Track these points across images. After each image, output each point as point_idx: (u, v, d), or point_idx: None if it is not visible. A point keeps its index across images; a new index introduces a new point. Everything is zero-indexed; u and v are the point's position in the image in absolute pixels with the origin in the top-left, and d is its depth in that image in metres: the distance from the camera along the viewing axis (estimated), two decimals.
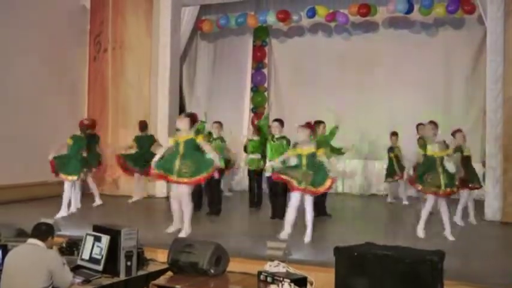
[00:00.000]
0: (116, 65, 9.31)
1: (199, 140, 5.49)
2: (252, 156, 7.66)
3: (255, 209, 7.09)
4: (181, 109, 10.23)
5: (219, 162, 5.42)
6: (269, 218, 6.75)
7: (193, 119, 5.62)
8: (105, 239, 4.16)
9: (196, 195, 7.43)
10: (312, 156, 5.40)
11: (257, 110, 11.05)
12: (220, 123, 7.36)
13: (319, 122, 6.94)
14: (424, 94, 9.37)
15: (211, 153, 5.39)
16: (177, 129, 5.71)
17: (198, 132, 6.57)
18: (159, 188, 8.81)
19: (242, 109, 10.87)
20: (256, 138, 7.49)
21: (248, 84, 10.98)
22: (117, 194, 8.70)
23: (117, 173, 8.75)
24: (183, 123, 5.52)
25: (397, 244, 3.90)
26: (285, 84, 10.81)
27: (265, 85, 11.10)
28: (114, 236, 4.14)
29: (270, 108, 11.04)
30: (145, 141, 7.91)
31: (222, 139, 7.02)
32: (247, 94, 10.96)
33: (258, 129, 7.80)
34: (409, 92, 9.46)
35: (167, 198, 8.35)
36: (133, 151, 7.95)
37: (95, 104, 9.47)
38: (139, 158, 7.74)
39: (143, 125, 8.11)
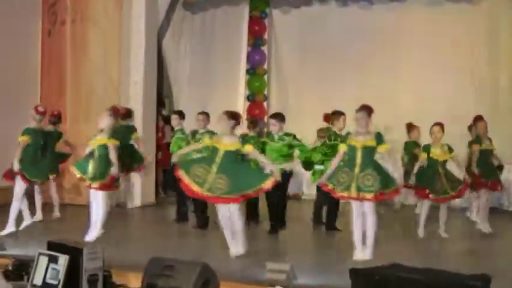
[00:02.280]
0: (77, 41, 9.29)
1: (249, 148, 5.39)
2: None
3: (252, 222, 7.10)
4: (159, 98, 10.22)
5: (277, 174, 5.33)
6: (267, 232, 6.80)
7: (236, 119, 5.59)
8: (63, 259, 4.14)
9: (182, 205, 7.52)
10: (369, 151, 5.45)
11: (254, 97, 11.06)
12: (206, 114, 7.29)
13: (338, 113, 6.93)
14: (462, 80, 9.42)
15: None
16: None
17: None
18: (129, 194, 8.84)
19: (236, 97, 10.93)
20: (252, 133, 7.39)
21: (243, 66, 11.02)
22: (78, 202, 8.70)
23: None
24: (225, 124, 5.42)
25: (428, 266, 3.95)
26: (289, 66, 10.85)
27: (265, 67, 11.13)
28: (75, 255, 4.12)
29: (270, 95, 11.06)
30: (127, 132, 7.78)
31: (211, 133, 6.96)
32: (242, 78, 11.00)
33: (253, 122, 7.76)
34: (444, 77, 9.52)
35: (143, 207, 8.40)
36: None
37: (49, 90, 9.45)
38: (123, 154, 7.63)
39: (127, 113, 8.07)
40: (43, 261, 4.22)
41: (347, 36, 10.14)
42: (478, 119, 6.95)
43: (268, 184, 5.30)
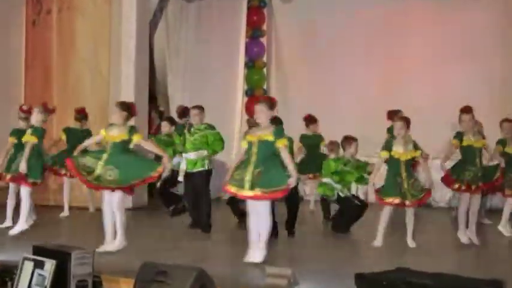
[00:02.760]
0: (63, 32, 9.28)
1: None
2: None
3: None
4: (152, 93, 10.22)
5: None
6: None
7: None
8: (50, 264, 4.18)
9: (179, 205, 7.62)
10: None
11: (253, 92, 11.06)
12: (200, 108, 7.32)
13: (350, 139, 7.33)
14: (476, 71, 9.44)
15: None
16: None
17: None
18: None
19: (233, 91, 10.91)
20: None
21: (241, 59, 11.00)
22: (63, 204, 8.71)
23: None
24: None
25: (439, 270, 3.93)
26: (290, 58, 10.87)
27: (264, 59, 11.12)
28: (62, 260, 4.16)
29: (269, 89, 11.06)
30: (82, 136, 7.87)
31: (209, 126, 6.98)
32: (240, 71, 11.00)
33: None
34: (457, 67, 9.54)
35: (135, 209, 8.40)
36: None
37: (34, 83, 9.44)
38: None
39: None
40: (28, 266, 4.24)
41: (352, 26, 10.15)
42: (505, 120, 6.98)
43: (156, 173, 5.67)
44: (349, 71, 10.09)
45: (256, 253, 5.39)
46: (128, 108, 5.92)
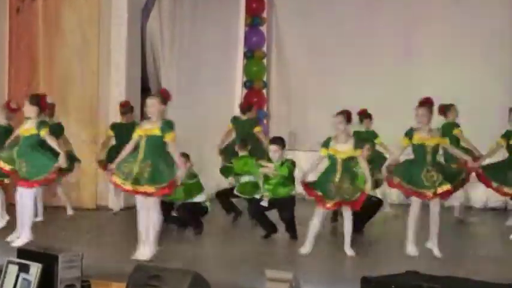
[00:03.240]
0: (50, 19, 9.24)
1: None
2: (244, 178, 7.64)
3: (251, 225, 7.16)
4: (144, 84, 10.20)
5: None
6: (267, 236, 6.86)
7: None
8: (36, 268, 4.17)
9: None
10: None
11: (253, 84, 11.04)
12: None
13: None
14: (491, 63, 9.41)
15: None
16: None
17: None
18: (111, 197, 8.84)
19: (232, 84, 10.90)
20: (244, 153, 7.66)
21: (240, 48, 10.99)
22: (54, 204, 8.66)
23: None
24: None
25: (451, 273, 3.98)
26: (292, 48, 10.83)
27: (264, 49, 11.09)
28: (49, 263, 4.15)
29: (270, 82, 11.03)
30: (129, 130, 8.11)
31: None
32: (239, 62, 10.98)
33: (243, 141, 7.93)
34: (470, 61, 9.52)
35: (126, 209, 8.41)
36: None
37: (18, 75, 9.39)
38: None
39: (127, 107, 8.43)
40: (12, 270, 4.23)
41: (358, 13, 10.13)
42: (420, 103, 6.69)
43: (50, 175, 6.15)
44: (356, 62, 10.08)
45: (146, 250, 5.58)
46: (37, 103, 6.23)
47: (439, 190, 5.79)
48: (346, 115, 6.05)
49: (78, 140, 8.62)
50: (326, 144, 6.01)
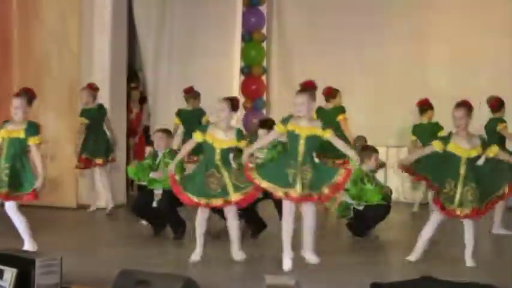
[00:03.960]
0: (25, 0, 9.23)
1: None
2: None
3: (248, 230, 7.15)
4: (130, 71, 10.18)
5: None
6: (260, 237, 6.88)
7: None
8: (10, 273, 4.17)
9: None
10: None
11: (251, 70, 11.02)
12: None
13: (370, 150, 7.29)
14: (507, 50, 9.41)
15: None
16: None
17: None
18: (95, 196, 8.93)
19: (228, 69, 10.91)
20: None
21: (238, 30, 10.99)
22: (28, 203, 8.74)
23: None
24: None
25: (469, 279, 3.98)
26: (294, 30, 10.83)
27: (264, 31, 11.08)
28: (25, 268, 4.16)
29: (270, 67, 11.01)
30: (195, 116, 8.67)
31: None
32: (236, 46, 10.95)
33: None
34: (486, 46, 9.50)
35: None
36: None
37: None
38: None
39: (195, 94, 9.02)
40: None
41: None
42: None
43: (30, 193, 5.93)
44: (365, 46, 10.09)
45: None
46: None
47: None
48: (232, 102, 5.87)
49: (56, 130, 8.67)
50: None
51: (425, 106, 8.28)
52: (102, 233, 7.68)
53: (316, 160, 6.18)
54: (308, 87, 5.88)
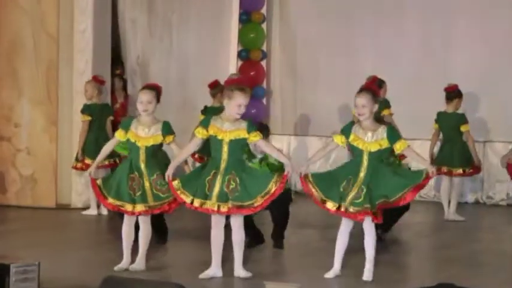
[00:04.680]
0: None
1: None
2: None
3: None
4: (116, 55, 10.14)
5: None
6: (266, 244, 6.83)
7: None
8: None
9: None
10: None
11: (249, 54, 10.97)
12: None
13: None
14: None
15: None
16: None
17: None
18: (76, 195, 8.98)
19: (225, 54, 10.86)
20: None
21: (234, 10, 10.93)
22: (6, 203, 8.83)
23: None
24: None
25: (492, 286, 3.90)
26: (298, 9, 10.78)
27: (263, 11, 11.04)
28: None
29: (270, 51, 10.95)
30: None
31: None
32: (233, 27, 10.92)
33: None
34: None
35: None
36: None
37: None
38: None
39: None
40: None
41: None
42: None
43: None
44: (377, 28, 10.09)
45: None
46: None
47: None
48: (157, 90, 5.83)
49: (32, 119, 8.69)
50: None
51: (452, 93, 8.27)
52: (84, 236, 7.69)
53: None
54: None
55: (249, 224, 6.76)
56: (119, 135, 5.77)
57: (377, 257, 6.31)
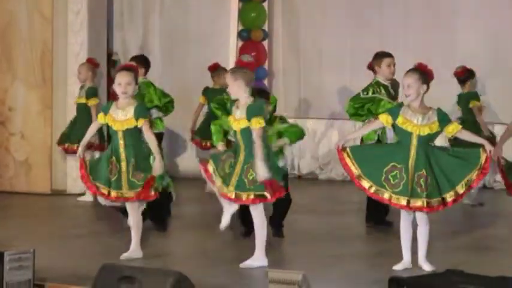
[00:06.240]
0: None
1: None
2: None
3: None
4: (111, 37, 10.15)
5: None
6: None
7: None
8: None
9: None
10: None
11: (250, 34, 10.95)
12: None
13: None
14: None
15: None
16: None
17: None
18: (71, 181, 8.98)
19: (224, 34, 10.85)
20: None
21: None
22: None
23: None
24: None
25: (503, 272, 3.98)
26: None
27: None
28: None
29: (272, 31, 10.92)
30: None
31: None
32: (233, 6, 10.90)
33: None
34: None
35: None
36: None
37: None
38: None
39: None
40: None
41: None
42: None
43: None
44: (382, 6, 10.07)
45: None
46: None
47: None
48: (135, 71, 5.83)
49: (26, 102, 8.70)
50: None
51: (462, 77, 8.36)
52: (80, 223, 7.68)
53: None
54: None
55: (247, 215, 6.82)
56: (100, 118, 5.81)
57: (383, 244, 6.39)
